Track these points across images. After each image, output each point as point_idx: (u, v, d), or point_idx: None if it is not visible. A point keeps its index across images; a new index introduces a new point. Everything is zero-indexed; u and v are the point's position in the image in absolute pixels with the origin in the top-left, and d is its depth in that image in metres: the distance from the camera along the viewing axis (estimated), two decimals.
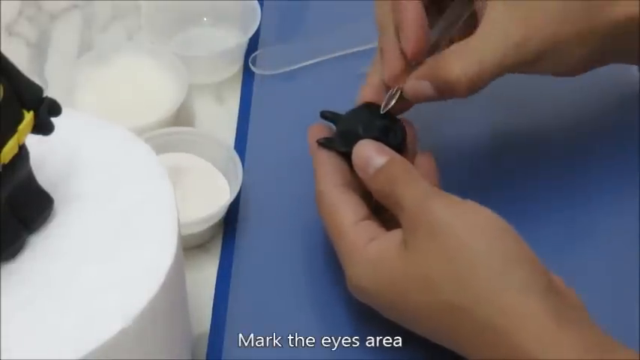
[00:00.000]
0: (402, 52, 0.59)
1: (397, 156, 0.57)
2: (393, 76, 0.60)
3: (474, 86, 0.58)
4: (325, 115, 0.62)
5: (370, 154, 0.57)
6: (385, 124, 0.59)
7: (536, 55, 0.58)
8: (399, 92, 0.60)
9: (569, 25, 0.58)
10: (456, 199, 0.54)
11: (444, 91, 0.58)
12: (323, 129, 0.61)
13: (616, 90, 0.65)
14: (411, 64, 0.59)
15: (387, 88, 0.60)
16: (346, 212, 0.56)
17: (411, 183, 0.55)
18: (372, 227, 0.56)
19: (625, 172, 0.67)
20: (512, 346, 0.49)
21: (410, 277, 0.52)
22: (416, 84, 0.59)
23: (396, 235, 0.54)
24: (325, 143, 0.60)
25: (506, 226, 0.52)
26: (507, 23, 0.58)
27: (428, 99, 0.59)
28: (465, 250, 0.51)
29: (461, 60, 0.58)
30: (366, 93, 0.61)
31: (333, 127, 0.61)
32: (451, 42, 0.60)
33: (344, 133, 0.60)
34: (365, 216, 0.57)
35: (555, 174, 0.67)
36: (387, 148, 0.57)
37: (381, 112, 0.60)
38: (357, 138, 0.58)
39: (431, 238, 0.52)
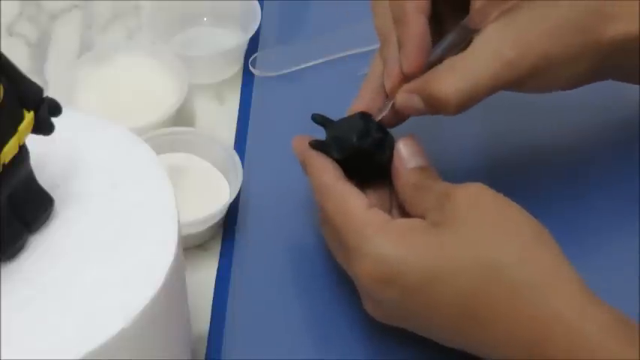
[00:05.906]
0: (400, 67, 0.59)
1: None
2: (393, 88, 0.59)
3: (464, 104, 0.57)
4: (316, 119, 0.61)
5: (417, 150, 0.58)
6: (379, 137, 0.59)
7: (529, 73, 0.58)
8: (391, 103, 0.59)
9: (562, 44, 0.58)
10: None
11: (434, 107, 0.58)
12: (308, 140, 0.60)
13: (617, 94, 0.65)
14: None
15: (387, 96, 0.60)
16: (357, 199, 0.56)
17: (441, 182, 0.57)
18: (384, 213, 0.56)
19: (625, 177, 0.67)
20: (547, 308, 0.50)
21: (448, 237, 0.53)
22: (407, 98, 0.58)
23: (417, 219, 0.55)
24: (318, 146, 0.60)
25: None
26: (500, 42, 0.57)
27: (418, 113, 0.59)
28: (504, 218, 0.53)
29: (452, 77, 0.57)
30: (359, 102, 0.61)
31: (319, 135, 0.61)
32: None
33: (337, 140, 0.59)
34: (373, 204, 0.56)
35: (555, 179, 0.67)
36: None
37: (375, 120, 0.59)
38: (350, 146, 0.58)
39: (469, 212, 0.53)
